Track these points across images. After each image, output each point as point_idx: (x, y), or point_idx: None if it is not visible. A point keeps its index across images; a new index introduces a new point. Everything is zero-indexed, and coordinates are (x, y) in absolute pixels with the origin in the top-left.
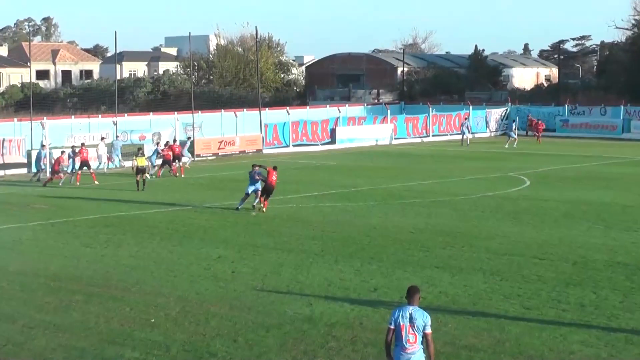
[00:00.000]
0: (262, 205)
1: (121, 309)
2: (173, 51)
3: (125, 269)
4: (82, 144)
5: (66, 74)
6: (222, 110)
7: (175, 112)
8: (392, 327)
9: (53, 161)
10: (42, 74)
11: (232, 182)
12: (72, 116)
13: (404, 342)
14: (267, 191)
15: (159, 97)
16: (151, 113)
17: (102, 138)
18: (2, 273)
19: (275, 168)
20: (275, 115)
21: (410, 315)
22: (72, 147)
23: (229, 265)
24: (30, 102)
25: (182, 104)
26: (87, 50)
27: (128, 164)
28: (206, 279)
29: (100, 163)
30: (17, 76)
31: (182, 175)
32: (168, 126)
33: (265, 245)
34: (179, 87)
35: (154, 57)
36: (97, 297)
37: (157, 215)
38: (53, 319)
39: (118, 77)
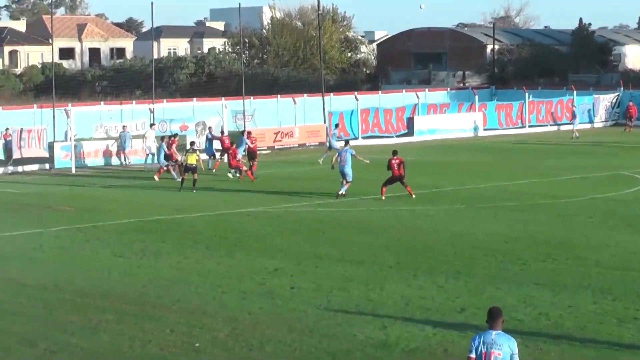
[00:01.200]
0: None
1: (160, 330)
2: (220, 26)
3: (165, 283)
4: (175, 135)
5: (94, 53)
6: (279, 95)
7: (223, 98)
8: (474, 356)
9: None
10: (66, 53)
11: (290, 181)
12: (102, 102)
13: None
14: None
15: (204, 80)
16: (194, 99)
17: (152, 125)
18: (20, 288)
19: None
20: (341, 102)
21: (494, 341)
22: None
23: (287, 279)
24: (53, 86)
25: (230, 88)
26: (118, 25)
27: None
28: (260, 295)
29: (148, 156)
30: (36, 55)
31: (214, 170)
32: (214, 114)
33: (330, 256)
34: (227, 68)
35: (197, 32)
36: (131, 317)
37: (202, 220)
38: (79, 342)
39: (155, 56)
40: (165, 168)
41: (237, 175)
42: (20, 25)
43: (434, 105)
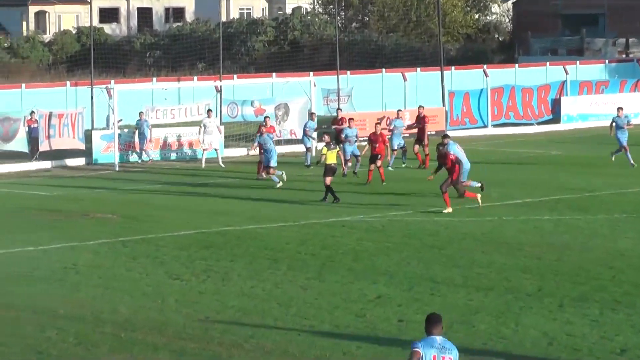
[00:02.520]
0: None
1: None
2: None
3: (235, 313)
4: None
5: (144, 14)
6: (384, 69)
7: (311, 73)
8: (420, 350)
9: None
10: (109, 14)
11: (398, 182)
12: (154, 78)
13: None
14: None
15: (286, 49)
16: (274, 74)
17: (209, 111)
18: (49, 317)
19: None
20: (466, 78)
21: (443, 346)
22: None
23: (393, 310)
24: (91, 57)
25: (321, 60)
26: None
27: (234, 152)
28: (359, 330)
29: (206, 152)
30: (70, 18)
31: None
32: (300, 94)
33: (449, 280)
34: (317, 35)
35: None
36: (191, 357)
37: (283, 232)
38: None
39: (223, 18)
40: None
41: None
42: None
43: (587, 83)
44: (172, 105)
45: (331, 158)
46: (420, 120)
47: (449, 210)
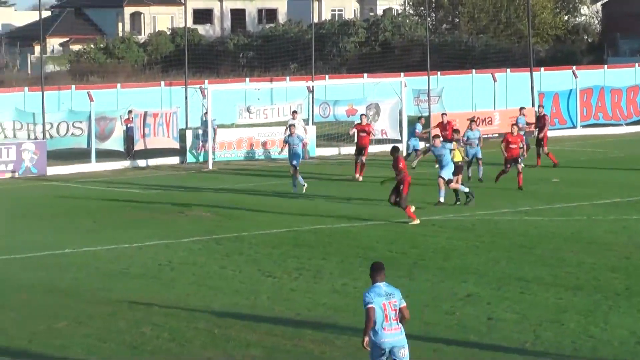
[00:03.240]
0: None
1: None
2: None
3: (326, 311)
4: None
5: (238, 16)
6: (474, 70)
7: (402, 74)
8: (373, 305)
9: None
10: (203, 15)
11: (487, 181)
12: (247, 79)
13: (388, 322)
14: None
15: (377, 50)
16: (365, 75)
17: (294, 112)
18: (145, 313)
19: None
20: (555, 79)
21: (387, 292)
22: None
23: (483, 308)
24: (185, 58)
25: (412, 60)
26: None
27: (326, 152)
28: (448, 328)
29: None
30: (165, 19)
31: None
32: (391, 94)
33: (538, 279)
34: (408, 36)
35: None
36: (283, 353)
37: (374, 230)
38: None
39: (315, 20)
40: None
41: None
42: None
43: None
44: (264, 105)
45: (457, 156)
46: (541, 120)
47: (416, 222)
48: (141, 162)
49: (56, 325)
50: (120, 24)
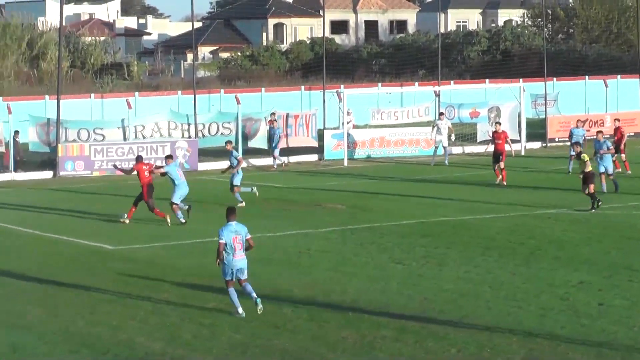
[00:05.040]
0: None
1: (445, 350)
2: None
3: (451, 295)
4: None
5: (371, 26)
6: (587, 76)
7: (521, 80)
8: (223, 241)
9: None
10: (339, 26)
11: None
12: (379, 84)
13: (236, 251)
14: None
15: (498, 58)
16: (487, 80)
17: (441, 114)
18: (286, 296)
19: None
20: None
21: (236, 230)
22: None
23: (594, 295)
24: (323, 65)
25: (529, 68)
26: None
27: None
28: (561, 312)
29: (439, 147)
30: (305, 29)
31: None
32: (510, 98)
33: None
34: (526, 45)
35: (491, 2)
36: (411, 334)
37: (494, 222)
38: None
39: (442, 30)
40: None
41: None
42: None
43: None
44: (395, 108)
45: (589, 166)
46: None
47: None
48: (283, 159)
49: (207, 305)
50: (264, 34)
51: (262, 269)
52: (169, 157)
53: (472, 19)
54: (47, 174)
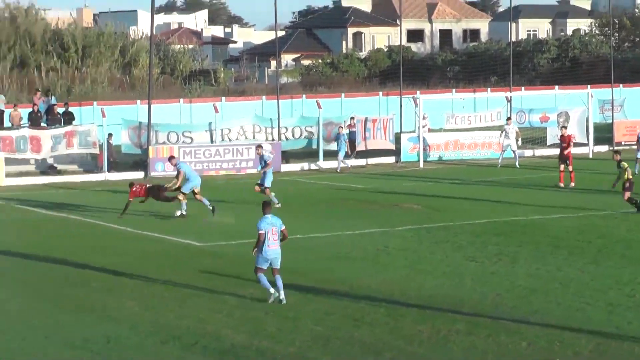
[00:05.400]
0: None
1: (516, 344)
2: (586, 5)
3: (522, 291)
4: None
5: (445, 35)
6: None
7: (588, 86)
8: (263, 231)
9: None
10: (415, 35)
11: None
12: (453, 90)
13: (271, 241)
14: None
15: (567, 65)
16: (556, 87)
17: (508, 119)
18: (365, 291)
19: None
20: None
21: (272, 222)
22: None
23: None
24: (400, 71)
25: (597, 74)
26: (472, 4)
27: (523, 153)
28: (629, 309)
29: (507, 151)
30: (382, 38)
31: None
32: (578, 104)
33: None
34: (594, 53)
35: (560, 12)
36: (483, 328)
37: (563, 222)
38: (427, 353)
39: (513, 38)
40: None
41: None
42: (365, 5)
43: None
44: (468, 113)
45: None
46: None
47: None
48: (362, 161)
49: (290, 300)
50: (344, 42)
51: (341, 265)
52: (172, 158)
53: (542, 28)
54: (139, 175)
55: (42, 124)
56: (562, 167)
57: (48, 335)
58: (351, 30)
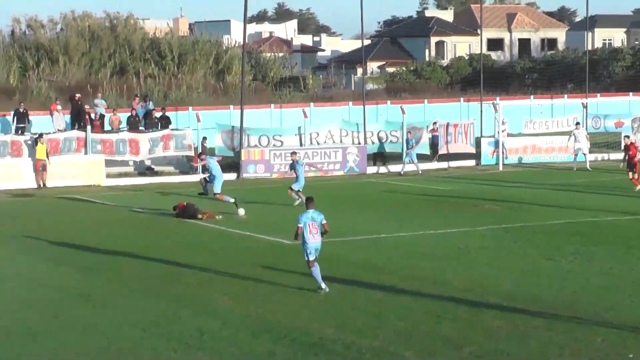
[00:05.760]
0: None
1: (590, 340)
2: None
3: (597, 289)
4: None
5: (524, 44)
6: None
7: None
8: (301, 225)
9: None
10: (495, 44)
11: None
12: (531, 96)
13: (311, 235)
14: None
15: None
16: (630, 93)
17: (577, 124)
18: (446, 288)
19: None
20: None
21: (312, 217)
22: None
23: None
24: (480, 78)
25: None
26: (550, 15)
27: (596, 157)
28: None
29: (580, 155)
30: (463, 46)
31: None
32: None
33: None
34: None
35: (635, 22)
36: (560, 324)
37: (636, 223)
38: (506, 348)
39: (589, 47)
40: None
41: None
42: (447, 15)
43: None
44: (546, 118)
45: None
46: None
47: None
48: (443, 164)
49: (374, 296)
50: (427, 51)
51: (425, 263)
52: (201, 154)
53: (617, 37)
54: (231, 176)
55: (140, 128)
56: (630, 174)
57: (145, 328)
58: (434, 39)
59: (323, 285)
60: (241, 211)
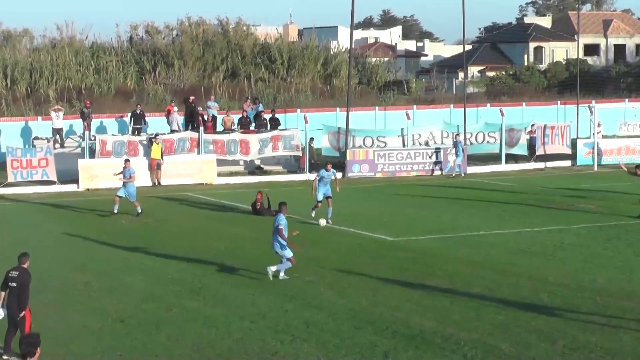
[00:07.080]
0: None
1: None
2: None
3: None
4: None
5: (619, 49)
6: None
7: None
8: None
9: None
10: (591, 49)
11: None
12: (626, 99)
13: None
14: None
15: None
16: None
17: None
18: (542, 283)
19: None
20: None
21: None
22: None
23: None
24: (577, 82)
25: None
26: None
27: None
28: None
29: None
30: (561, 51)
31: None
32: None
33: None
34: None
35: None
36: None
37: None
38: (599, 341)
39: None
40: None
41: None
42: (545, 22)
43: None
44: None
45: None
46: None
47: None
48: (540, 165)
49: (472, 291)
50: (526, 56)
51: (521, 259)
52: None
53: None
54: (337, 175)
55: (251, 129)
56: None
57: (254, 320)
58: (532, 45)
59: (273, 271)
60: (322, 222)
